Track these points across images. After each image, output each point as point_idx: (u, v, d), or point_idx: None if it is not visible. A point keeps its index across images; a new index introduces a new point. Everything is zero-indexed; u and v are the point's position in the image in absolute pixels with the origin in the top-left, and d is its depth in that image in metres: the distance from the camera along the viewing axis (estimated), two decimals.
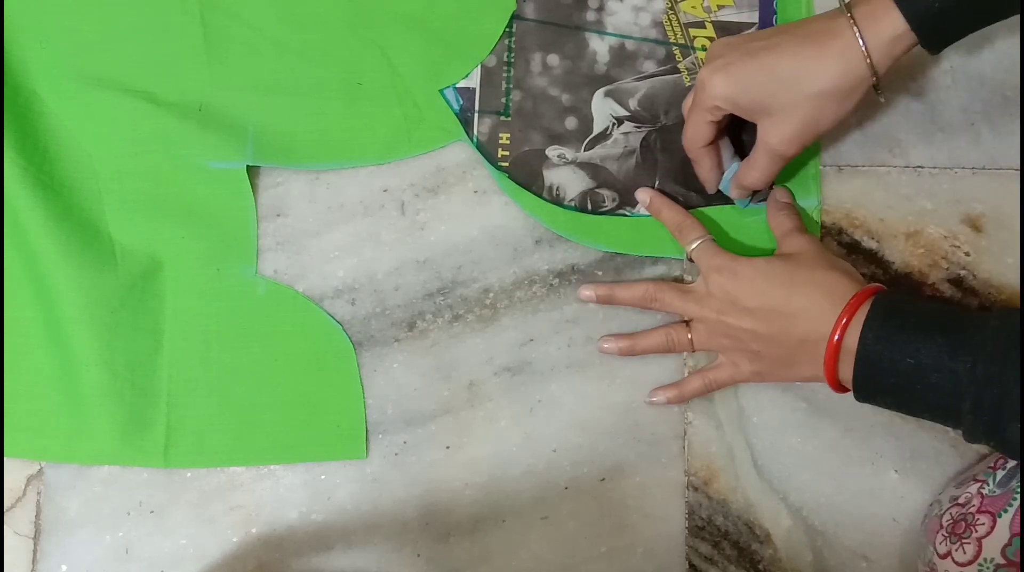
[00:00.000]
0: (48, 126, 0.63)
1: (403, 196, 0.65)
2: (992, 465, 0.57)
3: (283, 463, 0.62)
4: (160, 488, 0.62)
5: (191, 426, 0.61)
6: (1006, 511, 0.53)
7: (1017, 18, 0.62)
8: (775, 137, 0.56)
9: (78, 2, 0.65)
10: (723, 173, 0.62)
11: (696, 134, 0.59)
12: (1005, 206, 0.63)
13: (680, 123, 0.63)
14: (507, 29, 0.66)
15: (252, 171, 0.64)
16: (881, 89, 0.55)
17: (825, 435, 0.62)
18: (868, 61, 0.53)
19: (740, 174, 0.60)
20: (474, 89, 0.65)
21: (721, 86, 0.55)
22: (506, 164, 0.65)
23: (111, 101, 0.63)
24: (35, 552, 0.61)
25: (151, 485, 0.62)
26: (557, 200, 0.64)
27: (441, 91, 0.65)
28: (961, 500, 0.56)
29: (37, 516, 0.62)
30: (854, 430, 0.62)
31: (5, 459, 0.62)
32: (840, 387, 0.55)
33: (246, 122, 0.64)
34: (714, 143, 0.60)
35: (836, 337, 0.53)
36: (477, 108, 0.65)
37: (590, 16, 0.66)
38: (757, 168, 0.58)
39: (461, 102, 0.65)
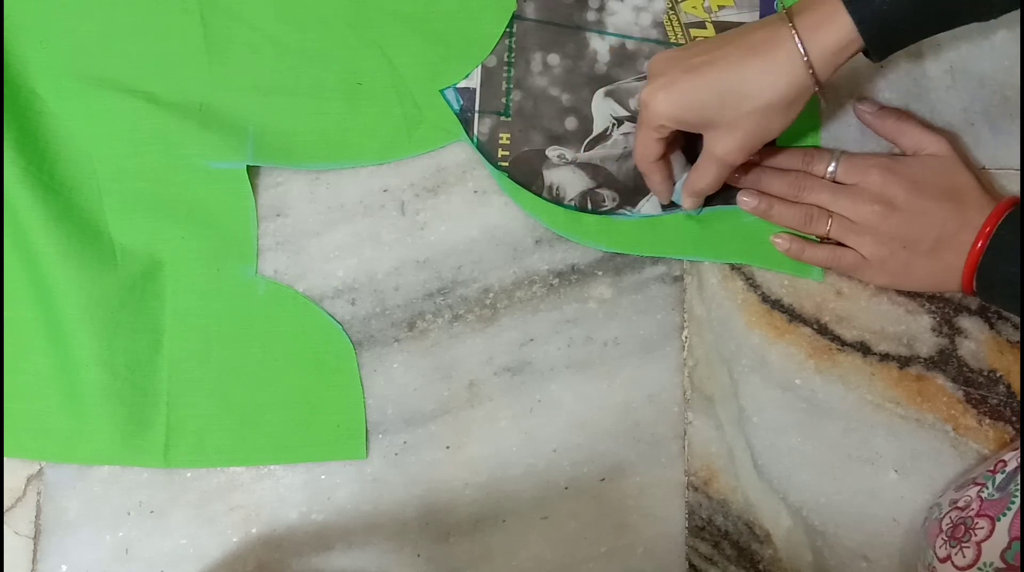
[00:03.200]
0: (48, 126, 0.63)
1: (403, 196, 0.65)
2: (991, 468, 0.57)
3: (283, 463, 0.62)
4: (160, 488, 0.62)
5: (191, 426, 0.61)
6: (1005, 515, 0.53)
7: (1017, 18, 0.62)
8: (721, 148, 0.56)
9: (78, 2, 0.65)
10: (675, 184, 0.62)
11: (645, 151, 0.59)
12: None
13: None
14: (507, 29, 0.66)
15: (252, 171, 0.64)
16: (823, 95, 0.56)
17: (825, 435, 0.62)
18: (811, 71, 0.53)
19: (689, 182, 0.60)
20: (474, 89, 0.65)
21: (664, 105, 0.55)
22: (506, 164, 0.65)
23: (111, 101, 0.63)
24: (35, 552, 0.61)
25: (151, 485, 0.62)
26: (557, 200, 0.64)
27: (441, 91, 0.65)
28: (960, 503, 0.56)
29: (37, 516, 0.62)
30: (854, 430, 0.62)
31: (5, 459, 0.62)
32: (971, 288, 0.59)
33: (246, 122, 0.64)
34: (665, 157, 0.60)
35: (979, 243, 0.57)
36: (477, 108, 0.65)
37: (591, 16, 0.66)
38: (705, 177, 0.59)
39: (461, 102, 0.65)
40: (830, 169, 0.61)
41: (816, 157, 0.62)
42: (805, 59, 0.53)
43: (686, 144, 0.62)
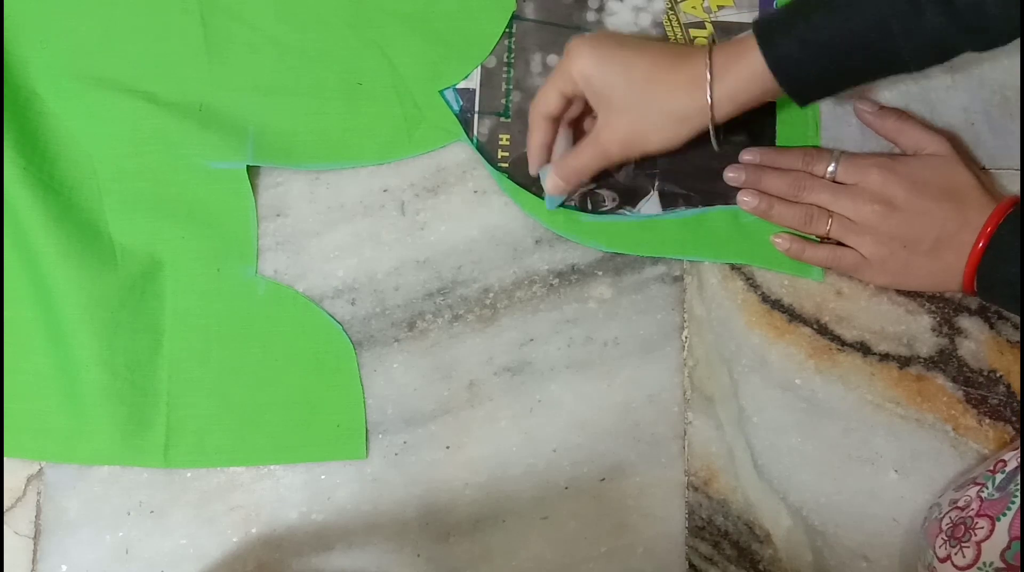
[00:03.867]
0: (48, 126, 0.63)
1: (403, 196, 0.65)
2: (991, 468, 0.57)
3: (283, 463, 0.62)
4: (160, 488, 0.62)
5: (191, 426, 0.61)
6: (1005, 515, 0.53)
7: (1017, 17, 0.62)
8: (605, 132, 0.57)
9: (78, 3, 0.65)
10: (549, 158, 0.62)
11: (544, 100, 0.59)
12: None
13: None
14: (507, 29, 0.66)
15: (252, 171, 0.64)
16: (720, 135, 0.57)
17: (825, 435, 0.62)
18: (709, 94, 0.55)
19: (562, 157, 0.61)
20: (474, 90, 0.65)
21: (584, 60, 0.56)
22: (506, 165, 0.65)
23: (111, 101, 0.63)
24: (35, 552, 0.61)
25: (151, 485, 0.62)
26: None
27: (441, 92, 0.65)
28: (960, 503, 0.56)
29: (37, 516, 0.62)
30: (854, 430, 0.62)
31: (5, 459, 0.62)
32: (972, 288, 0.59)
33: (246, 122, 0.64)
34: (554, 122, 0.60)
35: (980, 243, 0.57)
36: (477, 109, 0.65)
37: (590, 16, 0.66)
38: (579, 157, 0.59)
39: (461, 103, 0.65)
40: (830, 169, 0.61)
41: (816, 157, 0.62)
42: (708, 82, 0.54)
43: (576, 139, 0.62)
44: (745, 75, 0.54)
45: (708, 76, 0.55)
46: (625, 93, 0.56)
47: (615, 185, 0.64)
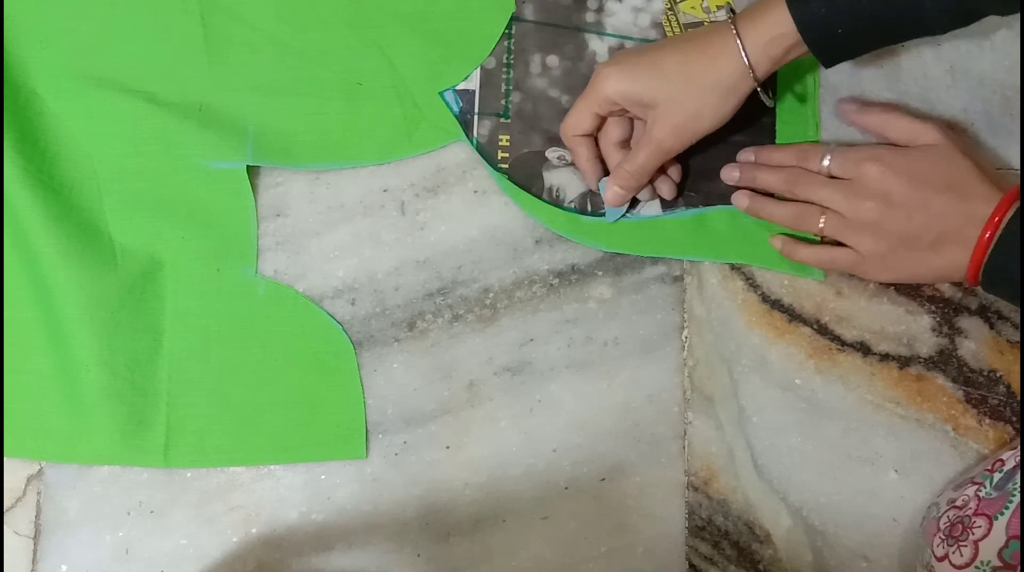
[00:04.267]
0: (48, 126, 0.63)
1: (403, 196, 0.65)
2: (989, 468, 0.57)
3: (283, 463, 0.62)
4: (160, 488, 0.62)
5: (191, 426, 0.61)
6: (1002, 513, 0.53)
7: (1017, 18, 0.62)
8: (656, 127, 0.58)
9: (78, 2, 0.65)
10: (603, 168, 0.62)
11: (577, 121, 0.60)
12: None
13: None
14: (506, 31, 0.66)
15: (252, 171, 0.64)
16: (768, 92, 0.58)
17: (825, 435, 0.62)
18: (745, 57, 0.55)
19: (616, 166, 0.61)
20: (474, 91, 0.65)
21: (613, 79, 0.58)
22: (506, 166, 0.65)
23: (111, 101, 0.63)
24: (35, 552, 0.61)
25: (151, 485, 0.62)
26: (557, 202, 0.64)
27: (441, 94, 0.65)
28: (958, 502, 0.56)
29: (37, 516, 0.62)
30: (854, 430, 0.62)
31: (5, 459, 0.62)
32: (976, 280, 0.57)
33: (246, 122, 0.64)
34: (593, 136, 0.61)
35: (987, 235, 0.55)
36: (477, 110, 0.65)
37: (589, 17, 0.66)
38: (635, 159, 0.59)
39: (461, 104, 0.65)
40: (824, 163, 0.60)
41: (810, 152, 0.61)
42: (740, 45, 0.55)
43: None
44: (776, 35, 0.54)
45: (739, 41, 0.55)
46: (665, 88, 0.57)
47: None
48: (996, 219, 0.55)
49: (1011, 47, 0.65)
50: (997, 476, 0.56)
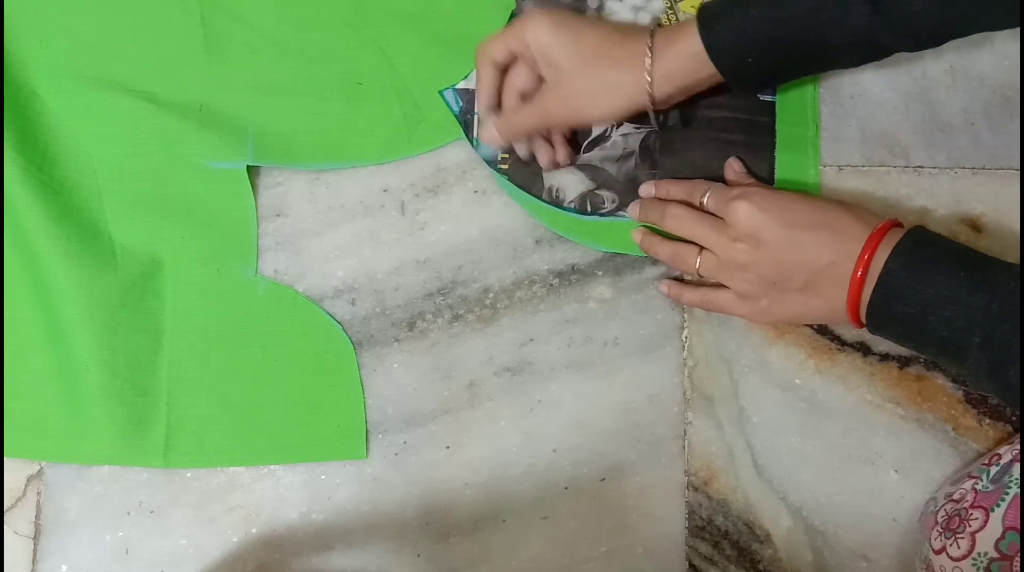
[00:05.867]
0: (48, 126, 0.63)
1: (403, 196, 0.65)
2: (986, 462, 0.57)
3: (283, 463, 0.62)
4: (160, 488, 0.62)
5: (191, 426, 0.61)
6: (999, 505, 0.54)
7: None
8: (549, 96, 0.58)
9: (78, 2, 0.65)
10: (497, 104, 0.62)
11: (491, 47, 0.60)
12: (1005, 206, 0.63)
13: (678, 124, 0.64)
14: None
15: (252, 171, 0.64)
16: (659, 117, 0.58)
17: (825, 435, 0.62)
18: (648, 70, 0.55)
19: (504, 113, 0.61)
20: (474, 90, 0.65)
21: (537, 25, 0.57)
22: (506, 166, 0.65)
23: (111, 101, 0.63)
24: (35, 552, 0.61)
25: (151, 485, 0.62)
26: (557, 202, 0.64)
27: (441, 93, 0.65)
28: (955, 496, 0.57)
29: (37, 516, 0.62)
30: (854, 430, 0.62)
31: (5, 459, 0.62)
32: (860, 321, 0.54)
33: (246, 122, 0.64)
34: (498, 69, 0.61)
35: (859, 273, 0.52)
36: (477, 110, 0.65)
37: (590, 16, 0.66)
38: (521, 115, 0.60)
39: (461, 104, 0.65)
40: (704, 200, 0.58)
41: (697, 188, 0.59)
42: (648, 58, 0.55)
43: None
44: (684, 57, 0.55)
45: (648, 53, 0.55)
46: (573, 61, 0.57)
47: (615, 186, 0.64)
48: (866, 256, 0.52)
49: (1011, 47, 0.65)
50: (994, 469, 0.56)
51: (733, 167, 0.63)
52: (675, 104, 0.60)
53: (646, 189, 0.63)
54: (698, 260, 0.58)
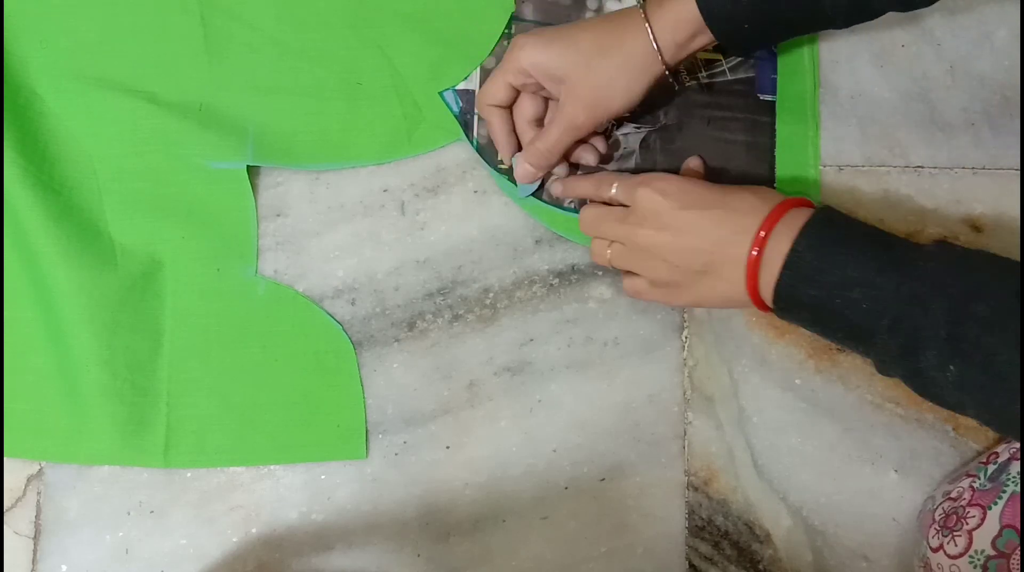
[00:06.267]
0: (48, 126, 0.63)
1: (403, 196, 0.65)
2: (984, 460, 0.58)
3: (283, 463, 0.62)
4: (160, 488, 0.62)
5: (191, 426, 0.61)
6: (996, 503, 0.54)
7: (1017, 17, 0.62)
8: (568, 104, 0.57)
9: (78, 2, 0.65)
10: (517, 142, 0.62)
11: (492, 91, 0.60)
12: (1005, 206, 0.63)
13: (678, 123, 0.64)
14: (506, 30, 0.66)
15: (252, 171, 0.64)
16: (679, 76, 0.58)
17: (825, 435, 0.62)
18: (652, 39, 0.55)
19: (528, 143, 0.61)
20: (474, 91, 0.65)
21: (528, 49, 0.57)
22: (506, 167, 0.65)
23: (111, 101, 0.63)
24: (35, 552, 0.61)
25: (151, 485, 0.62)
26: (557, 203, 0.64)
27: (441, 93, 0.65)
28: (953, 494, 0.57)
29: (37, 516, 0.62)
30: (854, 430, 0.62)
31: (5, 459, 0.62)
32: (764, 304, 0.53)
33: (246, 122, 0.64)
34: (508, 109, 0.61)
35: (755, 252, 0.51)
36: (477, 110, 0.65)
37: (588, 17, 0.66)
38: (546, 136, 0.59)
39: (461, 104, 0.65)
40: (612, 191, 0.58)
41: (604, 181, 0.59)
42: (648, 28, 0.55)
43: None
44: (680, 21, 0.55)
45: (647, 26, 0.55)
46: (577, 64, 0.56)
47: None
48: (762, 234, 0.51)
49: (1011, 47, 0.65)
50: (991, 468, 0.56)
51: (690, 166, 0.63)
52: (680, 67, 0.60)
53: (556, 189, 0.63)
54: (609, 252, 0.59)
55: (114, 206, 0.63)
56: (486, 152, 0.65)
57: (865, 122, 0.64)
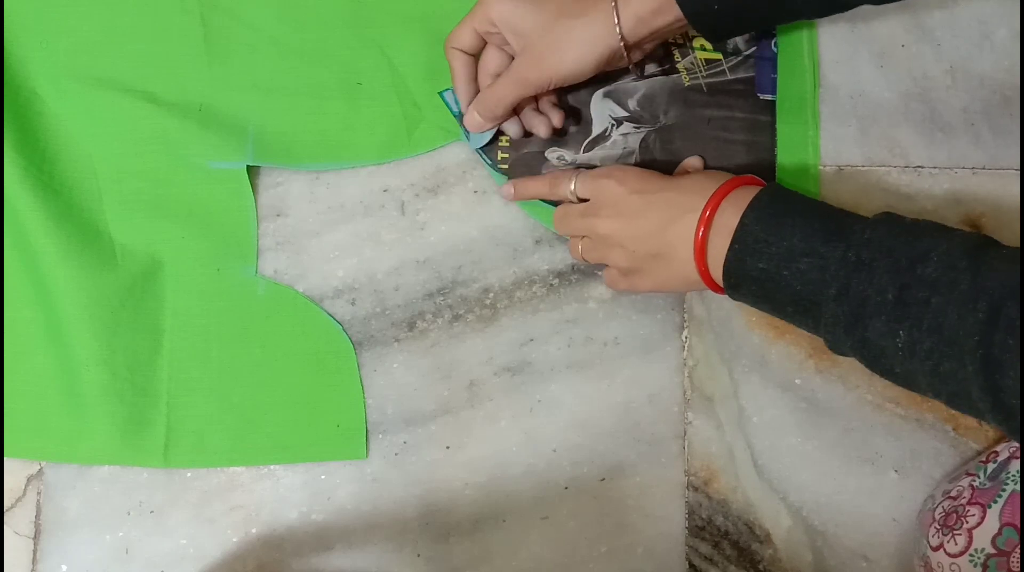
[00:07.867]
0: (48, 126, 0.63)
1: (403, 196, 0.65)
2: (984, 459, 0.58)
3: (283, 463, 0.62)
4: (160, 488, 0.62)
5: (191, 426, 0.61)
6: (996, 502, 0.54)
7: (1017, 17, 0.62)
8: (521, 59, 0.58)
9: (78, 2, 0.65)
10: (476, 91, 0.62)
11: (459, 34, 0.59)
12: (1005, 206, 0.63)
13: (678, 123, 0.64)
14: None
15: (252, 171, 0.64)
16: (633, 63, 0.58)
17: (825, 435, 0.62)
18: (614, 7, 0.54)
19: (481, 93, 0.60)
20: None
21: (500, 2, 0.57)
22: (506, 166, 0.65)
23: (111, 101, 0.63)
24: (35, 552, 0.61)
25: (151, 485, 0.62)
26: (557, 202, 0.64)
27: (441, 93, 0.65)
28: (953, 493, 0.57)
29: (37, 516, 0.62)
30: (854, 430, 0.62)
31: (5, 459, 0.62)
32: (715, 284, 0.53)
33: (246, 122, 0.64)
34: (469, 57, 0.60)
35: (701, 230, 0.52)
36: (459, 102, 0.65)
37: None
38: (496, 88, 0.59)
39: (461, 104, 0.65)
40: (572, 187, 0.59)
41: (562, 178, 0.60)
42: (614, 3, 0.54)
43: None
44: (652, 1, 0.54)
45: (614, 2, 0.55)
46: (539, 23, 0.56)
47: None
48: (707, 213, 0.52)
49: (1011, 47, 0.65)
50: (991, 466, 0.56)
51: (690, 165, 0.63)
52: (648, 52, 0.60)
53: (506, 190, 0.63)
54: (580, 247, 0.60)
55: (114, 206, 0.63)
56: (486, 152, 0.65)
57: (865, 122, 0.64)
